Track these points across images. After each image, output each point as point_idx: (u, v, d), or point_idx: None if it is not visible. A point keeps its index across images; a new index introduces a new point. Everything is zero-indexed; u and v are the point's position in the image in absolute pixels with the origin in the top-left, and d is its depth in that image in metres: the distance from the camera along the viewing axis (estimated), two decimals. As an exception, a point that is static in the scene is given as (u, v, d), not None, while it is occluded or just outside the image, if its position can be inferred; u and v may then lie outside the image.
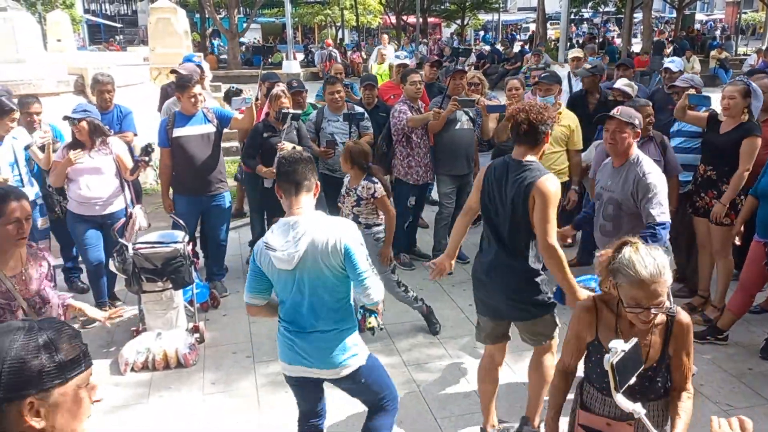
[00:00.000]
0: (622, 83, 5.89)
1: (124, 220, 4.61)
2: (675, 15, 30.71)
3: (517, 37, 38.45)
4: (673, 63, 6.50)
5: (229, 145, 8.52)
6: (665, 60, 7.37)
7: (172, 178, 5.08)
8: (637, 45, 26.36)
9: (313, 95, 7.32)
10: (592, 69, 6.30)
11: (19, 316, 2.54)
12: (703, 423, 1.66)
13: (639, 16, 25.94)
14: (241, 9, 31.67)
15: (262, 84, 6.18)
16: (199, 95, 4.91)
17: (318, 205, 2.72)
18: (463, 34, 36.64)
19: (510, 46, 25.82)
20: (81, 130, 4.47)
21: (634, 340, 1.93)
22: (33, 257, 2.73)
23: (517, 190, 2.93)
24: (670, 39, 24.93)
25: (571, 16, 29.57)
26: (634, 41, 27.84)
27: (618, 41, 29.73)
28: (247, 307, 2.73)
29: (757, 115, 4.43)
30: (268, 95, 5.47)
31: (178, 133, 4.89)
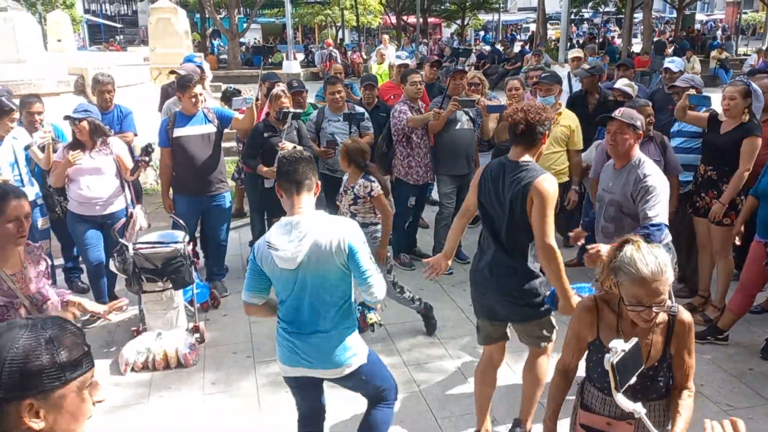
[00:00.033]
0: (622, 83, 5.90)
1: (124, 220, 4.61)
2: (675, 15, 30.70)
3: (518, 37, 38.44)
4: (674, 63, 6.49)
5: (230, 145, 8.52)
6: (666, 60, 7.36)
7: (173, 178, 5.09)
8: (637, 45, 26.35)
9: (314, 95, 7.32)
10: (590, 69, 6.31)
11: (22, 313, 2.54)
12: (703, 423, 1.66)
13: (639, 16, 25.95)
14: (242, 9, 31.68)
15: (263, 84, 6.17)
16: (199, 95, 4.92)
17: (318, 205, 2.72)
18: (464, 35, 36.64)
19: (510, 47, 25.85)
20: (82, 130, 4.47)
21: (634, 340, 1.93)
22: (30, 255, 2.73)
23: (515, 191, 2.91)
24: (670, 39, 24.91)
25: (572, 17, 29.57)
26: (635, 41, 27.83)
27: (618, 41, 29.72)
28: (246, 306, 2.72)
29: (759, 115, 4.43)
30: (268, 95, 5.47)
31: (178, 133, 4.90)
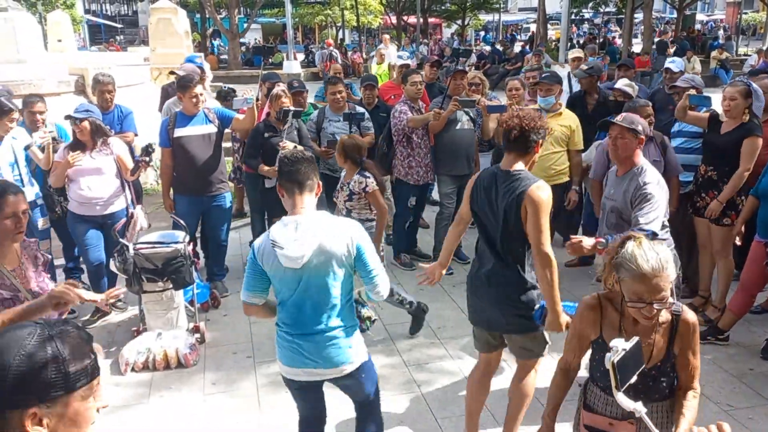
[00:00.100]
0: (622, 83, 5.89)
1: (124, 220, 4.61)
2: (675, 15, 30.70)
3: (518, 37, 38.41)
4: (674, 63, 6.49)
5: (230, 145, 8.52)
6: (666, 60, 7.35)
7: (173, 178, 5.08)
8: (637, 45, 26.35)
9: (314, 95, 7.32)
10: (588, 70, 6.28)
11: None
12: (705, 423, 1.66)
13: (639, 16, 25.96)
14: (242, 9, 31.72)
15: (263, 84, 6.17)
16: (200, 95, 4.92)
17: (319, 205, 2.72)
18: (464, 35, 36.65)
19: (510, 47, 25.85)
20: (83, 130, 4.47)
21: (635, 339, 1.92)
22: (27, 251, 2.73)
23: (509, 201, 2.86)
24: (671, 39, 24.91)
25: (572, 17, 29.53)
26: (635, 41, 27.83)
27: (619, 41, 29.72)
28: (245, 306, 2.70)
29: (760, 115, 4.43)
30: (268, 95, 5.47)
31: (179, 133, 4.90)
